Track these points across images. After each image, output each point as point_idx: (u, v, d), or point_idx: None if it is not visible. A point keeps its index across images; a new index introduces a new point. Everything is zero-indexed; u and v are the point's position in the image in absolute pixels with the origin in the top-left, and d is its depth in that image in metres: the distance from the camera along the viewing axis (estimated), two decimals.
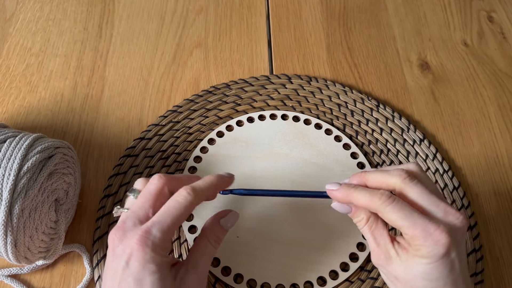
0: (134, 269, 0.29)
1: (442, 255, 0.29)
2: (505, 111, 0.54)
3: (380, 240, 0.33)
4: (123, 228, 0.31)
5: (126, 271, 0.29)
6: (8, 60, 0.56)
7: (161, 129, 0.50)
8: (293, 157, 0.48)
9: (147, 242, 0.29)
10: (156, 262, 0.29)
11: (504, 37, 0.59)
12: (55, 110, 0.52)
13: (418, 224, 0.29)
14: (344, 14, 0.61)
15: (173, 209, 0.31)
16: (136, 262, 0.29)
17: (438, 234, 0.29)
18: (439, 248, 0.29)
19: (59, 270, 0.43)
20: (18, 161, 0.35)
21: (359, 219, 0.34)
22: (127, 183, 0.46)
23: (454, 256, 0.29)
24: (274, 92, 0.53)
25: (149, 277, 0.29)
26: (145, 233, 0.29)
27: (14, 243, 0.34)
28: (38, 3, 0.61)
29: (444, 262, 0.29)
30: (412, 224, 0.29)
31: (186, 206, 0.31)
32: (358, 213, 0.34)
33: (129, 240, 0.30)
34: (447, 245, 0.29)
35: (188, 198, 0.31)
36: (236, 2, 0.62)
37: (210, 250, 0.33)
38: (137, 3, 0.61)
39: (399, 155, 0.49)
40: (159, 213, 0.31)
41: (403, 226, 0.30)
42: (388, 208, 0.30)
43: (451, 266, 0.30)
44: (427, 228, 0.29)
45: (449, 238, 0.29)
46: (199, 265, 0.32)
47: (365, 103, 0.52)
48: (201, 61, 0.56)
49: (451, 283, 0.30)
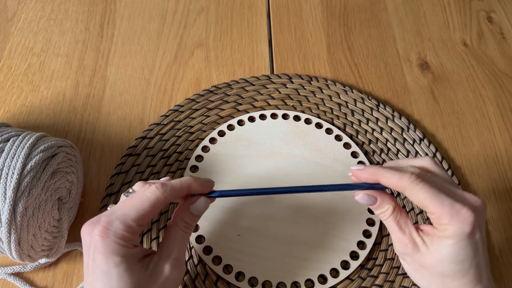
0: (99, 261, 0.29)
1: (468, 233, 0.30)
2: (504, 111, 0.54)
3: (405, 228, 0.33)
4: (94, 221, 0.30)
5: (94, 263, 0.29)
6: (10, 59, 0.56)
7: (162, 128, 0.50)
8: (294, 156, 0.49)
9: (108, 233, 0.29)
10: (120, 254, 0.29)
11: (503, 37, 0.60)
12: (57, 110, 0.52)
13: (445, 204, 0.30)
14: (344, 14, 0.62)
15: (139, 201, 0.31)
16: (100, 254, 0.29)
17: (464, 212, 0.30)
18: (466, 227, 0.30)
19: (61, 268, 0.43)
20: (21, 160, 0.35)
21: (384, 210, 0.34)
22: (129, 182, 0.47)
23: (478, 238, 0.30)
24: (275, 91, 0.53)
25: (114, 269, 0.29)
26: (107, 224, 0.29)
27: (17, 241, 0.35)
28: (40, 3, 0.61)
29: (470, 242, 0.30)
30: (440, 203, 0.30)
31: (152, 200, 0.31)
32: (384, 204, 0.34)
33: (93, 233, 0.29)
34: (473, 224, 0.30)
35: (156, 193, 0.31)
36: (237, 2, 0.62)
37: (180, 235, 0.33)
38: (138, 3, 0.61)
39: (399, 154, 0.49)
40: (123, 206, 0.31)
41: (431, 204, 0.30)
42: (417, 187, 0.31)
43: (475, 247, 0.30)
44: (454, 207, 0.30)
45: (475, 217, 0.30)
46: (172, 252, 0.32)
47: (365, 102, 0.53)
48: (202, 60, 0.57)
49: (475, 265, 0.31)
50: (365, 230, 0.45)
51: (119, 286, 0.29)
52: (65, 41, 0.58)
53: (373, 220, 0.45)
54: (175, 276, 0.31)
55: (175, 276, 0.31)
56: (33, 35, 0.58)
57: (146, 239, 0.44)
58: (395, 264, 0.43)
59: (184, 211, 0.34)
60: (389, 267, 0.43)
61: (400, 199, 0.47)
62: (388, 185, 0.33)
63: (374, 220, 0.45)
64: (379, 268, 0.43)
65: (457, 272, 0.31)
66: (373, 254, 0.44)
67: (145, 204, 0.31)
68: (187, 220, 0.33)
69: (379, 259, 0.44)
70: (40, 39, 0.58)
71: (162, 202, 0.31)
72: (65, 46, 0.57)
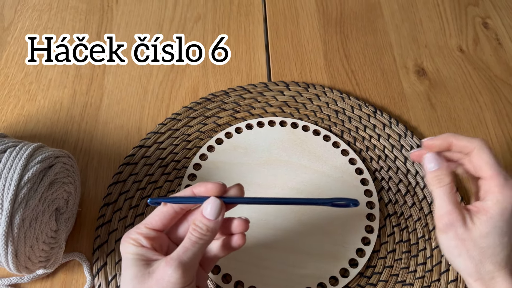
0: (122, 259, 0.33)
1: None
2: (501, 116, 0.54)
3: (457, 201, 0.36)
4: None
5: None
6: (7, 68, 0.56)
7: (160, 137, 0.50)
8: (292, 163, 0.49)
9: (129, 234, 0.33)
10: (131, 252, 0.32)
11: (499, 43, 0.60)
12: (54, 119, 0.52)
13: (501, 174, 0.34)
14: (340, 21, 0.62)
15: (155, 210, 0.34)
16: (121, 251, 0.33)
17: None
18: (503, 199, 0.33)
19: (59, 279, 0.43)
20: (18, 171, 0.35)
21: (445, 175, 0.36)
22: (126, 191, 0.46)
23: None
24: (272, 99, 0.53)
25: (124, 263, 0.33)
26: (133, 227, 0.33)
27: (15, 253, 0.34)
28: (36, 12, 0.61)
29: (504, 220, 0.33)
30: (497, 171, 0.34)
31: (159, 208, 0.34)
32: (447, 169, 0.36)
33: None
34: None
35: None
36: (234, 10, 0.62)
37: (188, 238, 0.32)
38: (135, 12, 0.62)
39: (397, 161, 0.49)
40: (151, 215, 0.34)
41: (491, 169, 0.34)
42: (485, 149, 0.35)
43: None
44: (508, 179, 0.34)
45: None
46: (175, 254, 0.31)
47: (363, 109, 0.53)
48: (199, 68, 0.57)
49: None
50: (364, 238, 0.45)
51: (124, 276, 0.32)
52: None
53: (371, 227, 0.45)
54: (173, 278, 0.30)
55: (173, 279, 0.30)
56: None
57: None
58: (393, 272, 0.43)
59: (196, 213, 0.34)
60: (388, 275, 0.43)
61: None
62: (459, 146, 0.36)
63: (372, 227, 0.45)
64: (378, 276, 0.43)
65: (498, 245, 0.33)
66: (372, 262, 0.44)
67: (154, 212, 0.34)
68: (197, 222, 0.33)
69: (378, 266, 0.44)
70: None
71: (167, 209, 0.34)
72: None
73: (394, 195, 0.48)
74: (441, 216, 0.35)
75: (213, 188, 0.33)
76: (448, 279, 0.43)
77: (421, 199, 0.47)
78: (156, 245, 0.33)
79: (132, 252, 0.32)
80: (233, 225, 0.34)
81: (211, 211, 0.33)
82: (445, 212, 0.35)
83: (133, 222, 0.45)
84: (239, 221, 0.34)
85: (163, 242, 0.34)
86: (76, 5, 0.62)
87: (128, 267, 0.32)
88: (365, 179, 0.48)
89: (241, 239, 0.35)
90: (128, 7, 0.62)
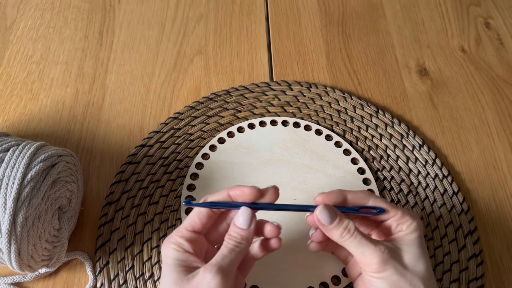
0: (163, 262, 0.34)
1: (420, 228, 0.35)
2: (503, 116, 0.54)
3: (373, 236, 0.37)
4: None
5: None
6: (9, 68, 0.56)
7: (162, 136, 0.50)
8: (294, 163, 0.49)
9: (170, 238, 0.34)
10: (172, 256, 0.33)
11: (501, 43, 0.60)
12: (56, 118, 0.52)
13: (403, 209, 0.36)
14: (343, 21, 0.62)
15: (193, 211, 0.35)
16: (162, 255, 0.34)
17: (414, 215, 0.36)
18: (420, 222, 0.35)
19: (62, 277, 0.43)
20: (21, 170, 0.35)
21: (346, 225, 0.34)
22: (128, 190, 0.46)
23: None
24: (275, 98, 0.53)
25: (165, 268, 0.33)
26: (174, 231, 0.34)
27: (17, 251, 0.35)
28: (39, 11, 0.61)
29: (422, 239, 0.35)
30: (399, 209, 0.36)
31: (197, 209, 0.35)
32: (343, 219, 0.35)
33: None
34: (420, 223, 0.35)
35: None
36: (236, 9, 0.62)
37: (224, 245, 0.34)
38: (138, 11, 0.62)
39: (399, 160, 0.49)
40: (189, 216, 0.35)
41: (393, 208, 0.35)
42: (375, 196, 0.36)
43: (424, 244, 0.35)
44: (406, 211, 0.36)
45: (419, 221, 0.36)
46: (214, 261, 0.32)
47: (365, 109, 0.53)
48: (201, 68, 0.57)
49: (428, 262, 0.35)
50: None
51: (163, 281, 0.33)
52: (65, 49, 0.58)
53: None
54: (212, 284, 0.31)
55: (212, 285, 0.31)
56: (32, 43, 0.58)
57: (146, 247, 0.44)
58: None
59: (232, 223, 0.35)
60: None
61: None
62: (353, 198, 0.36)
63: None
64: None
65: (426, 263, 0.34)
66: None
67: (194, 214, 0.35)
68: (231, 232, 0.34)
69: None
70: (39, 47, 0.58)
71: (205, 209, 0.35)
72: (65, 54, 0.57)
73: (396, 194, 0.48)
74: (366, 260, 0.33)
75: (249, 192, 0.35)
76: (450, 279, 0.43)
77: (423, 199, 0.47)
78: (196, 248, 0.34)
79: (173, 257, 0.33)
80: (266, 230, 0.36)
81: (244, 221, 0.34)
82: (369, 254, 0.33)
83: (135, 221, 0.45)
84: (271, 227, 0.36)
85: (202, 246, 0.35)
86: (79, 4, 0.62)
87: (169, 272, 0.32)
88: (367, 179, 0.48)
89: (277, 243, 0.36)
90: (130, 6, 0.62)
